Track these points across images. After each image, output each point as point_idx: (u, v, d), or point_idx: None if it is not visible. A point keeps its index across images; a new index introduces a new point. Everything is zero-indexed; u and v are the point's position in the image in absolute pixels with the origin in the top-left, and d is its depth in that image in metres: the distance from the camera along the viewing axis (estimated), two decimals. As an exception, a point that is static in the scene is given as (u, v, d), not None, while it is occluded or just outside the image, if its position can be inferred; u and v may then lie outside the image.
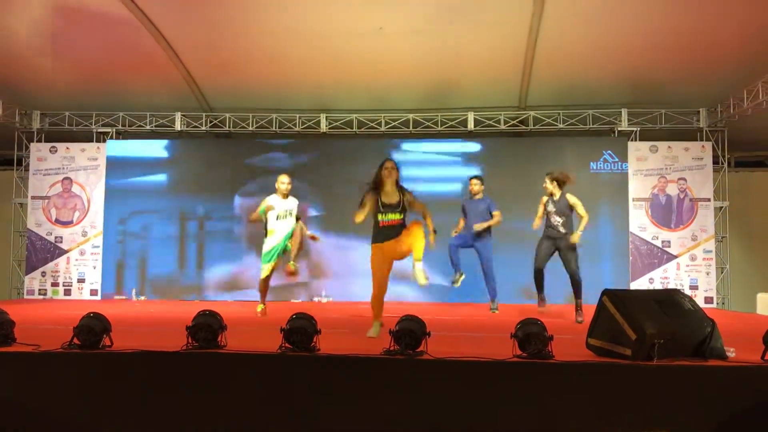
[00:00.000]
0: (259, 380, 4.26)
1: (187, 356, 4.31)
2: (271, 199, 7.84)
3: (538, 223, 7.69)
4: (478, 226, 8.33)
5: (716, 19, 8.78)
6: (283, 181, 7.81)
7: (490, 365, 4.20)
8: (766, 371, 4.14)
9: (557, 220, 7.46)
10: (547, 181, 7.56)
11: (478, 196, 8.52)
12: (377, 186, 5.77)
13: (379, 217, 5.74)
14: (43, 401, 4.25)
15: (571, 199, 7.51)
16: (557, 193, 7.53)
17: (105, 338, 4.51)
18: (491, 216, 8.40)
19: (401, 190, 5.80)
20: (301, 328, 4.38)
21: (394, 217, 5.73)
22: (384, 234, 5.75)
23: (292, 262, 7.68)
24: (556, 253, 7.55)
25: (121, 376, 4.30)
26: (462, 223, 8.60)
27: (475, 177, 8.61)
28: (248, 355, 4.30)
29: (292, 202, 7.88)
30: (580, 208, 7.47)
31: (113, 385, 4.29)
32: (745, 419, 4.05)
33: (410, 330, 4.39)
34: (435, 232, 5.87)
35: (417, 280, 5.66)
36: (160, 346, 4.51)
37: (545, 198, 7.64)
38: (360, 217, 5.75)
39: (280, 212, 7.75)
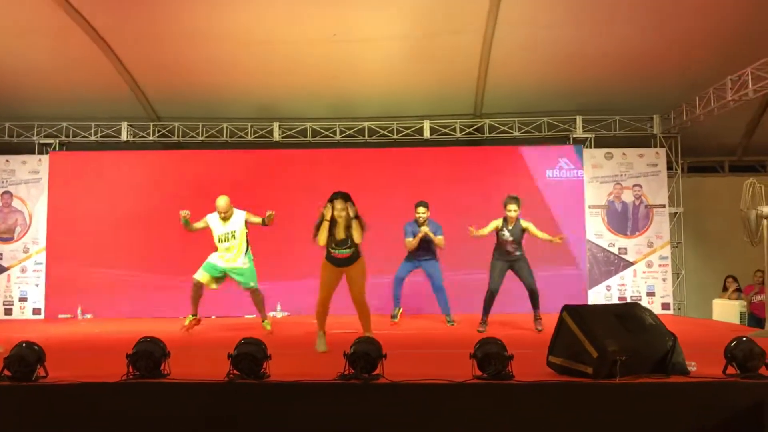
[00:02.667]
0: (206, 410, 4.02)
1: (126, 387, 4.04)
2: (211, 219, 7.42)
3: (479, 234, 7.60)
4: (426, 230, 8.10)
5: (668, 28, 8.87)
6: (219, 205, 7.29)
7: (448, 388, 4.04)
8: (728, 387, 4.08)
9: (513, 246, 7.53)
10: (517, 207, 7.45)
11: (424, 223, 8.20)
12: (329, 219, 5.92)
13: (331, 249, 5.99)
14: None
15: (526, 224, 7.53)
16: (514, 221, 7.50)
17: (39, 369, 4.21)
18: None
19: (352, 227, 5.92)
20: (249, 354, 4.14)
21: (345, 251, 5.98)
22: (335, 261, 6.03)
23: (266, 323, 7.57)
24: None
25: (56, 410, 4.01)
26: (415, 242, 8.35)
27: (422, 205, 8.23)
28: (193, 384, 4.05)
29: (236, 221, 7.37)
30: (533, 229, 7.50)
31: (47, 420, 4.00)
32: (709, 436, 3.97)
33: (365, 353, 4.20)
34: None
35: None
36: (99, 375, 4.23)
37: (499, 222, 7.54)
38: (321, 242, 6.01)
39: (221, 235, 7.37)
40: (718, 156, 11.88)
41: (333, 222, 5.90)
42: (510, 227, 7.50)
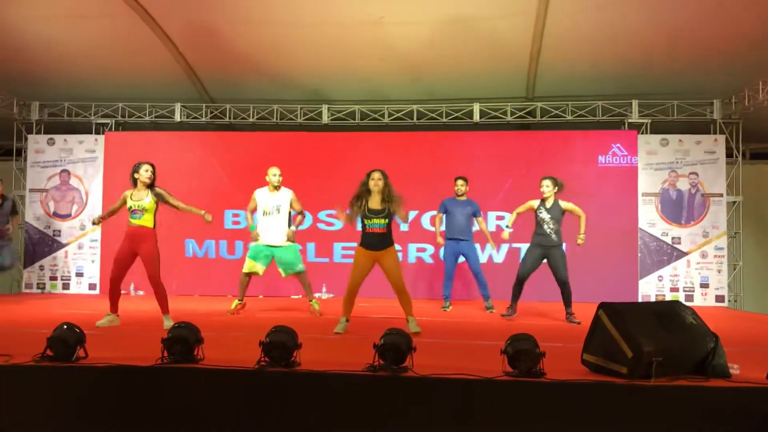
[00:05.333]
0: (237, 397, 4.07)
1: (160, 371, 4.12)
2: (259, 194, 7.68)
3: (511, 223, 7.68)
4: (493, 245, 8.80)
5: (733, 9, 8.43)
6: (274, 174, 7.66)
7: (476, 384, 3.98)
8: (770, 393, 3.90)
9: (551, 227, 7.29)
10: (551, 184, 7.34)
11: (462, 198, 8.46)
12: (364, 194, 6.20)
13: (366, 222, 6.18)
14: (13, 417, 4.09)
15: (565, 204, 7.36)
16: (551, 200, 7.33)
17: (79, 350, 4.35)
18: (474, 218, 8.48)
19: (389, 198, 6.15)
20: (281, 343, 4.18)
21: (378, 222, 6.13)
22: (368, 241, 6.19)
23: (314, 302, 7.75)
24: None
25: (93, 391, 4.13)
26: (440, 225, 8.59)
27: (461, 178, 8.50)
28: (223, 370, 4.10)
29: (283, 196, 7.66)
30: (577, 209, 7.38)
31: (85, 401, 4.12)
32: (748, 444, 3.82)
33: (395, 344, 4.19)
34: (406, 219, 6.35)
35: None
36: (136, 357, 4.33)
37: (535, 203, 7.41)
38: (344, 219, 6.36)
39: (267, 207, 7.61)
40: (783, 143, 11.35)
41: (368, 193, 6.14)
42: (548, 206, 7.32)
